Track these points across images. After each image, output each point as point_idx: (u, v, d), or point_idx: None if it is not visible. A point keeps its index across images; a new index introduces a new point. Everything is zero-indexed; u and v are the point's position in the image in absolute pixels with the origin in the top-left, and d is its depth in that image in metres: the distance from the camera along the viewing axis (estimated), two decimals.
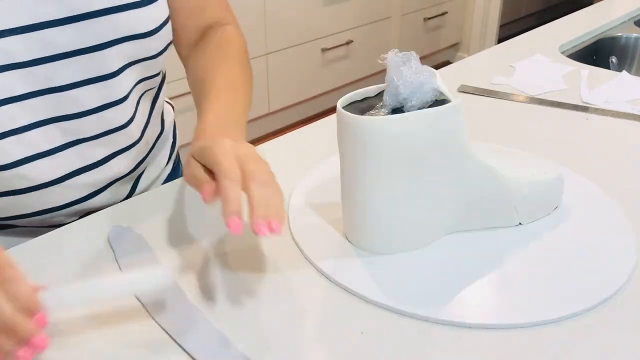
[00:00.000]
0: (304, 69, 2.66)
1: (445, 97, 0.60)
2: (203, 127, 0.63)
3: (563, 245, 0.65)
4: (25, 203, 0.70)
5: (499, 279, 0.60)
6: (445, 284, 0.60)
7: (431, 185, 0.61)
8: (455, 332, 0.55)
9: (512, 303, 0.57)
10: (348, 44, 2.80)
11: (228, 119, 0.65)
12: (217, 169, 0.54)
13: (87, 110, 0.68)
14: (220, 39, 0.78)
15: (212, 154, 0.56)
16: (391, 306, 0.57)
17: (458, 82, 1.06)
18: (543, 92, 1.03)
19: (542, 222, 0.68)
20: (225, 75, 0.72)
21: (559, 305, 0.57)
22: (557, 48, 1.22)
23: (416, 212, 0.62)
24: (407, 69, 0.58)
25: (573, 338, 0.54)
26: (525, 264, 0.62)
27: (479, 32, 3.37)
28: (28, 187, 0.68)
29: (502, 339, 0.54)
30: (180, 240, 0.67)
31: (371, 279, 0.60)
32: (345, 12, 2.73)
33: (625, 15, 1.40)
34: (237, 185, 0.53)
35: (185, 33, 0.78)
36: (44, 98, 0.64)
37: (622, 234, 0.66)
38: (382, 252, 0.63)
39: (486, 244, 0.65)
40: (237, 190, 0.53)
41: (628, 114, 0.95)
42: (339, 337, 0.54)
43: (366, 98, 0.62)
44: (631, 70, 1.33)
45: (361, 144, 0.58)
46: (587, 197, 0.73)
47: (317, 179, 0.76)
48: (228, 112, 0.66)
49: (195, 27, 0.79)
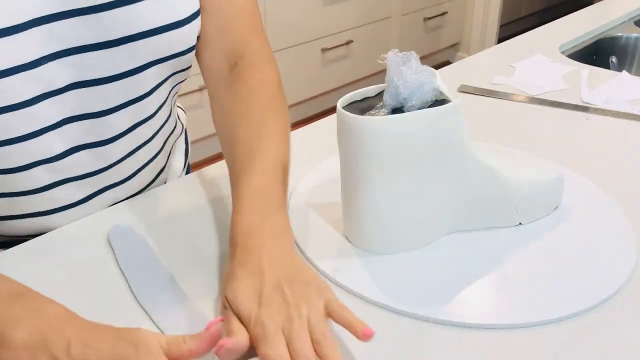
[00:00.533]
0: (304, 69, 2.66)
1: (445, 97, 0.60)
2: (235, 238, 0.57)
3: (563, 245, 0.65)
4: (50, 223, 0.69)
5: (499, 279, 0.60)
6: (445, 284, 0.60)
7: (431, 185, 0.61)
8: (455, 332, 0.55)
9: (512, 303, 0.57)
10: (348, 44, 2.80)
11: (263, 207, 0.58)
12: (260, 357, 0.48)
13: (119, 133, 0.67)
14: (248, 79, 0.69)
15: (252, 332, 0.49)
16: (391, 306, 0.57)
17: (458, 82, 1.06)
18: (543, 92, 1.03)
19: (542, 222, 0.68)
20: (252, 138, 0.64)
21: (559, 305, 0.57)
22: (557, 48, 1.22)
23: (416, 212, 0.62)
24: (407, 69, 0.58)
25: (573, 338, 0.54)
26: (525, 264, 0.62)
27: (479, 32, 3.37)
28: (52, 209, 0.68)
29: (502, 339, 0.54)
30: (181, 240, 0.67)
31: (371, 279, 0.60)
32: (345, 12, 2.73)
33: (625, 15, 1.40)
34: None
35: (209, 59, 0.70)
36: (79, 124, 0.63)
37: (622, 234, 0.66)
38: (382, 252, 0.63)
39: (486, 244, 0.65)
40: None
41: (628, 114, 0.95)
42: (339, 337, 0.54)
43: (366, 98, 0.62)
44: (631, 70, 1.33)
45: (361, 144, 0.58)
46: (587, 197, 0.73)
47: (317, 179, 0.76)
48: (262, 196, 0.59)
49: (220, 51, 0.70)
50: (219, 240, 0.66)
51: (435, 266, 0.62)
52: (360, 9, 2.80)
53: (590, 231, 0.67)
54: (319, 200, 0.72)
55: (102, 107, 0.63)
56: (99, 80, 0.61)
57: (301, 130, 0.91)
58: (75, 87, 0.61)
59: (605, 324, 0.56)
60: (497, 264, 0.62)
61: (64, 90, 0.60)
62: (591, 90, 1.03)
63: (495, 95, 1.02)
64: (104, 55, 0.60)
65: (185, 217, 0.71)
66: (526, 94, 1.02)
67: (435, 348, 0.53)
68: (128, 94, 0.64)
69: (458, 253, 0.64)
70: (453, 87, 1.04)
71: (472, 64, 1.18)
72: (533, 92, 1.03)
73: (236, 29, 0.70)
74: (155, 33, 0.61)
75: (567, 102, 0.99)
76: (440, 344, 0.54)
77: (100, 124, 0.64)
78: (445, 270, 0.61)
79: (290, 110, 0.72)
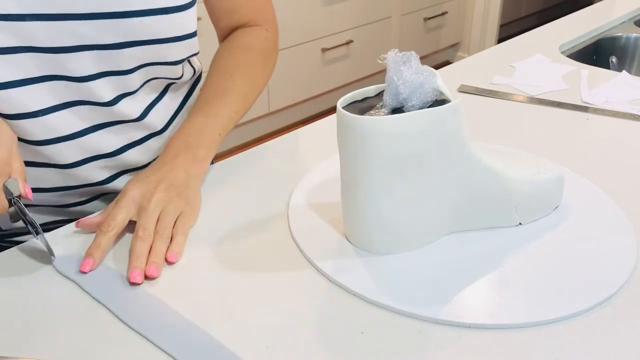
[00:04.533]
0: (304, 69, 2.66)
1: (445, 97, 0.60)
2: (162, 154, 0.72)
3: (563, 245, 0.65)
4: (47, 179, 0.73)
5: (499, 279, 0.60)
6: (445, 284, 0.60)
7: (431, 185, 0.61)
8: (455, 332, 0.55)
9: (512, 303, 0.57)
10: (348, 44, 2.80)
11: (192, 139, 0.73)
12: (138, 220, 0.65)
13: (103, 102, 0.69)
14: (234, 41, 0.83)
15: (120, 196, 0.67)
16: (391, 306, 0.57)
17: (458, 82, 1.06)
18: (543, 92, 1.03)
19: (542, 222, 0.68)
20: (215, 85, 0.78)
21: (559, 305, 0.57)
22: (557, 48, 1.22)
23: (416, 212, 0.62)
24: (407, 68, 0.58)
25: (573, 338, 0.54)
26: (525, 264, 0.62)
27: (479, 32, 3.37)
28: (47, 163, 0.71)
29: (502, 339, 0.54)
30: None
31: (371, 279, 0.60)
32: (345, 12, 2.73)
33: (625, 15, 1.40)
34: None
35: (218, 32, 0.84)
36: (60, 83, 0.66)
37: (622, 234, 0.66)
38: (382, 252, 0.63)
39: (486, 244, 0.65)
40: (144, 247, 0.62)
41: (628, 114, 0.95)
42: (339, 337, 0.54)
43: (366, 98, 0.62)
44: (631, 70, 1.33)
45: (361, 144, 0.58)
46: (587, 197, 0.73)
47: (317, 179, 0.76)
48: (196, 131, 0.73)
49: (226, 28, 0.84)
50: (218, 240, 0.66)
51: (435, 266, 0.62)
52: (360, 9, 2.80)
53: (590, 231, 0.67)
54: (319, 200, 0.72)
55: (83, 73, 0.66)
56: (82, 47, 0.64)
57: (301, 130, 0.91)
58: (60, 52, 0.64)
59: (605, 324, 0.56)
60: (497, 264, 0.62)
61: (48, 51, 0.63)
62: (591, 90, 1.03)
63: (495, 95, 1.02)
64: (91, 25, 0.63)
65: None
66: (526, 94, 1.02)
67: (435, 348, 0.53)
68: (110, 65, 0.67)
69: (458, 253, 0.64)
70: (453, 87, 1.04)
71: (472, 64, 1.18)
72: (533, 92, 1.03)
73: (241, 11, 0.83)
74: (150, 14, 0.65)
75: (567, 102, 0.99)
76: (440, 344, 0.54)
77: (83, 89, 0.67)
78: (445, 270, 0.61)
79: (290, 110, 0.75)
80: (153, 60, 0.69)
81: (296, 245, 0.65)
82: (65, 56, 0.64)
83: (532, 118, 0.95)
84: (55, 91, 0.66)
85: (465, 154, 0.61)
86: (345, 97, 0.61)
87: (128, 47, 0.66)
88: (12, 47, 0.61)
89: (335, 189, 0.66)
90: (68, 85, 0.66)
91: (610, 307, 0.57)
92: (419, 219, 0.63)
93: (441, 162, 0.60)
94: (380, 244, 0.63)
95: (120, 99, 0.71)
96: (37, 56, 0.63)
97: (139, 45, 0.66)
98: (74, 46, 0.64)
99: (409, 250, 0.64)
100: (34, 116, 0.66)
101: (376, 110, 0.59)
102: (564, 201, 0.71)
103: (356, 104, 0.61)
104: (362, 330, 0.55)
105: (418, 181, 0.60)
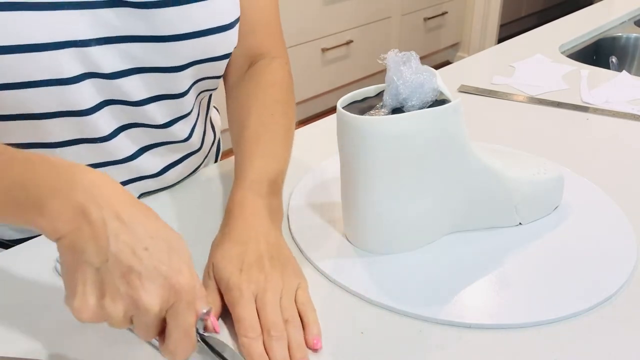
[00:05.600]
0: (304, 69, 2.66)
1: (445, 97, 0.60)
2: (231, 208, 0.63)
3: (563, 245, 0.65)
4: None
5: (499, 279, 0.60)
6: (445, 284, 0.60)
7: (431, 185, 0.61)
8: (455, 332, 0.55)
9: (512, 303, 0.57)
10: (348, 44, 2.80)
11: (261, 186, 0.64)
12: (234, 317, 0.53)
13: (157, 124, 0.69)
14: (263, 77, 0.75)
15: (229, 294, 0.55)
16: (391, 306, 0.57)
17: (458, 82, 1.06)
18: (543, 92, 1.03)
19: (542, 222, 0.68)
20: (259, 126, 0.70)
21: (559, 305, 0.57)
22: (557, 48, 1.22)
23: (416, 212, 0.62)
24: (407, 68, 0.58)
25: (573, 338, 0.54)
26: (525, 264, 0.62)
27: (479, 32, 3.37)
28: None
29: (502, 339, 0.54)
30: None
31: (371, 279, 0.60)
32: (345, 12, 2.73)
33: (625, 15, 1.40)
34: (258, 341, 0.52)
35: (232, 57, 0.73)
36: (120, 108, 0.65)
37: (622, 234, 0.66)
38: (382, 252, 0.63)
39: (486, 244, 0.65)
40: (259, 347, 0.51)
41: (628, 114, 0.95)
42: (339, 337, 0.54)
43: (366, 98, 0.62)
44: (631, 70, 1.33)
45: (361, 144, 0.58)
46: (587, 197, 0.73)
47: (317, 179, 0.76)
48: (262, 176, 0.65)
49: (242, 52, 0.75)
50: None
51: (435, 266, 0.62)
52: (360, 9, 2.80)
53: (590, 231, 0.67)
54: (319, 200, 0.72)
55: (139, 97, 0.65)
56: (142, 69, 0.63)
57: (301, 130, 0.91)
58: (121, 76, 0.62)
59: (605, 324, 0.56)
60: (497, 264, 0.62)
61: (110, 77, 0.62)
62: (591, 90, 1.03)
63: (495, 95, 1.02)
64: (151, 48, 0.62)
65: (185, 217, 0.71)
66: (526, 94, 1.02)
67: (435, 348, 0.53)
68: (165, 88, 0.66)
69: (458, 253, 0.64)
70: (453, 87, 1.04)
71: (472, 64, 1.18)
72: (533, 92, 1.03)
73: (259, 33, 0.76)
74: (201, 35, 0.64)
75: (567, 102, 0.99)
76: (440, 344, 0.54)
77: (139, 112, 0.66)
78: (446, 270, 0.61)
79: None
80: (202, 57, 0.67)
81: (296, 245, 0.65)
82: (121, 81, 0.63)
83: (532, 118, 0.95)
84: (114, 115, 0.65)
85: (465, 154, 0.61)
86: (345, 97, 0.61)
87: (184, 70, 0.65)
88: (81, 75, 0.60)
89: (335, 189, 0.66)
90: (123, 110, 0.65)
91: (610, 307, 0.57)
92: (419, 219, 0.63)
93: (441, 162, 0.60)
94: (380, 244, 0.63)
95: (176, 121, 0.70)
96: (99, 82, 0.62)
97: (194, 65, 0.65)
98: (129, 69, 0.62)
99: (409, 250, 0.64)
100: (102, 141, 0.65)
101: (376, 110, 0.59)
102: (564, 201, 0.71)
103: (356, 104, 0.61)
104: (362, 330, 0.55)
105: (418, 181, 0.60)
